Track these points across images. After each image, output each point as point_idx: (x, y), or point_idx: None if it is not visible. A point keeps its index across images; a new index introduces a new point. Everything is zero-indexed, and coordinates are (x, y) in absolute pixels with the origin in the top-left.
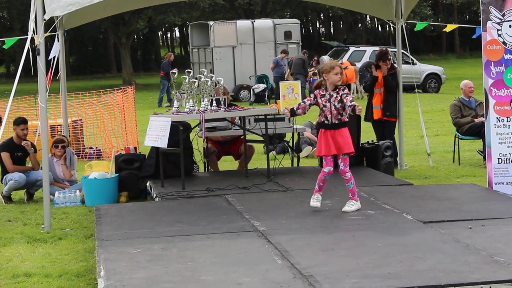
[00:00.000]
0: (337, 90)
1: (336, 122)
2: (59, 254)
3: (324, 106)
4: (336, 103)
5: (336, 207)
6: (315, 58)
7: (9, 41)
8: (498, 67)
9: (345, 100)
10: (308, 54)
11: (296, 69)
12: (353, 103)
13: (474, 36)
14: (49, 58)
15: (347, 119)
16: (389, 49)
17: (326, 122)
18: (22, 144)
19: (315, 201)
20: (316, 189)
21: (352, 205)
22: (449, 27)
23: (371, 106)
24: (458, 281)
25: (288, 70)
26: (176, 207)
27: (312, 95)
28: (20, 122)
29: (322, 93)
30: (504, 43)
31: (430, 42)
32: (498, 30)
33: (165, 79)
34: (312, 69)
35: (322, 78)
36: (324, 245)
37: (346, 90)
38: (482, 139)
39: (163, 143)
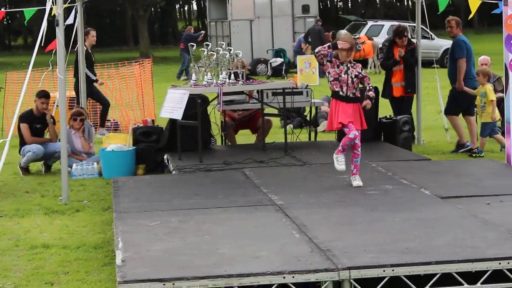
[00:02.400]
0: (353, 64)
1: (351, 95)
2: (76, 226)
3: (340, 76)
4: (353, 76)
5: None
6: (331, 32)
7: (28, 13)
8: None
9: (366, 85)
10: (322, 22)
11: (314, 42)
12: (371, 93)
13: (495, 11)
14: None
15: (359, 95)
16: (407, 24)
17: (341, 93)
18: (44, 112)
19: (340, 163)
20: (339, 149)
21: (360, 180)
22: (472, 4)
23: (389, 83)
24: (476, 256)
25: (306, 44)
26: (193, 180)
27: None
28: (42, 95)
29: (338, 63)
30: None
31: (448, 17)
32: None
33: (185, 51)
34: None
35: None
36: (342, 220)
37: (359, 69)
38: (501, 114)
39: (178, 115)
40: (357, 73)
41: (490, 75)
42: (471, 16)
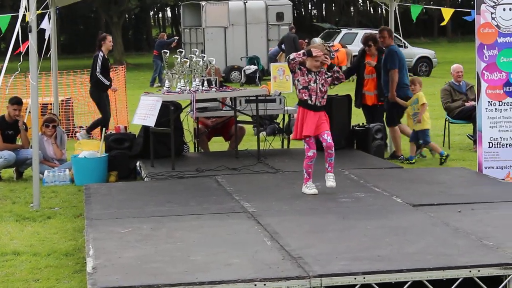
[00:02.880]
0: (320, 73)
1: (318, 104)
2: (48, 233)
3: (309, 85)
4: (321, 86)
5: (325, 189)
6: (306, 40)
7: (2, 21)
8: (491, 51)
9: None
10: (295, 29)
11: (288, 50)
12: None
13: (468, 18)
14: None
15: (325, 103)
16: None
17: (310, 102)
18: (16, 118)
19: (310, 188)
20: (306, 177)
21: (334, 179)
22: (445, 13)
23: (361, 92)
24: (447, 264)
25: (281, 52)
26: (165, 187)
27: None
28: (15, 102)
29: (306, 71)
30: (497, 26)
31: (422, 25)
32: (492, 13)
33: (158, 58)
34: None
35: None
36: (314, 227)
37: (325, 74)
38: (473, 123)
39: (151, 121)
40: (324, 80)
41: (421, 83)
42: (444, 23)
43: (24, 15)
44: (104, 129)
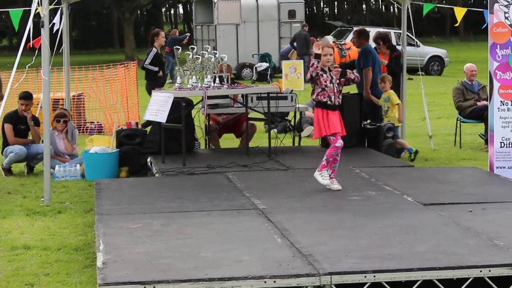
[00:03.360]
0: (333, 71)
1: (337, 104)
2: (58, 227)
3: (326, 86)
4: (337, 85)
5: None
6: (317, 38)
7: (15, 15)
8: (504, 50)
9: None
10: (308, 28)
11: (300, 48)
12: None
13: (483, 27)
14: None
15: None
16: (393, 31)
17: (329, 102)
18: (24, 114)
19: (324, 178)
20: (324, 165)
21: (338, 182)
22: (458, 12)
23: None
24: (458, 263)
25: (293, 50)
26: (176, 183)
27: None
28: (22, 97)
29: (321, 72)
30: (511, 25)
31: (434, 24)
32: (505, 12)
33: (169, 55)
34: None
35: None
36: (324, 225)
37: (338, 69)
38: (485, 122)
39: (162, 118)
40: (337, 79)
41: (391, 81)
42: (457, 24)
43: (36, 10)
44: (115, 124)
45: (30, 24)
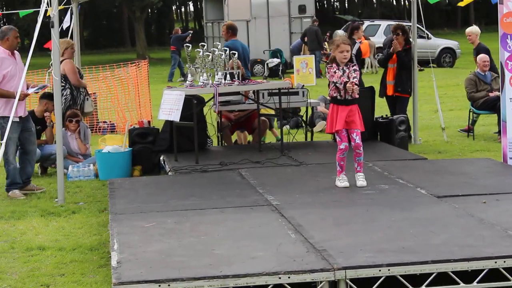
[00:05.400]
0: (348, 66)
1: (349, 98)
2: (72, 227)
3: (337, 81)
4: (350, 78)
5: (350, 181)
6: (328, 34)
7: (23, 12)
8: None
9: (349, 76)
10: (318, 22)
11: (311, 42)
12: (344, 79)
13: (493, 1)
14: (60, 27)
15: (358, 96)
16: (404, 23)
17: (339, 97)
18: (44, 115)
19: (342, 181)
20: (339, 170)
21: (364, 178)
22: (464, 1)
23: (385, 81)
24: (472, 255)
25: (304, 44)
26: (189, 181)
27: (327, 73)
28: (44, 97)
29: (334, 69)
30: None
31: (445, 16)
32: None
33: (175, 53)
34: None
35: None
36: (338, 220)
37: (356, 67)
38: (497, 113)
39: (176, 116)
40: (353, 73)
41: None
42: (461, 4)
43: (46, 10)
44: (128, 123)
45: (39, 24)
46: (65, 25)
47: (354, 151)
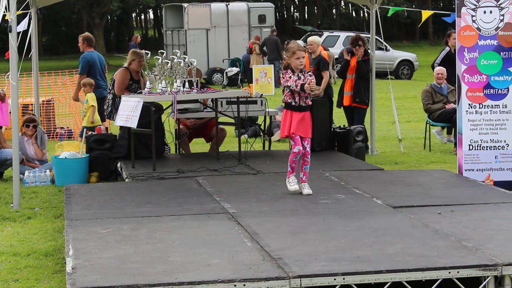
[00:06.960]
0: (303, 72)
1: (303, 104)
2: (27, 233)
3: (292, 87)
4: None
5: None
6: (286, 42)
7: None
8: (472, 53)
9: (305, 81)
10: (277, 32)
11: (271, 52)
12: (300, 82)
13: (447, 19)
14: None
15: (311, 103)
16: (363, 35)
17: (293, 104)
18: None
19: (292, 184)
20: (290, 171)
21: (309, 187)
22: (424, 14)
23: (343, 92)
24: (427, 265)
25: (254, 52)
26: (146, 188)
27: (282, 78)
28: None
29: (289, 74)
30: (478, 29)
31: (404, 29)
32: (472, 16)
33: None
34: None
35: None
36: (294, 228)
37: (311, 73)
38: (453, 125)
39: (133, 123)
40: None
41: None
42: (420, 24)
43: (4, 15)
44: (85, 129)
45: None
46: (19, 28)
47: (302, 159)
